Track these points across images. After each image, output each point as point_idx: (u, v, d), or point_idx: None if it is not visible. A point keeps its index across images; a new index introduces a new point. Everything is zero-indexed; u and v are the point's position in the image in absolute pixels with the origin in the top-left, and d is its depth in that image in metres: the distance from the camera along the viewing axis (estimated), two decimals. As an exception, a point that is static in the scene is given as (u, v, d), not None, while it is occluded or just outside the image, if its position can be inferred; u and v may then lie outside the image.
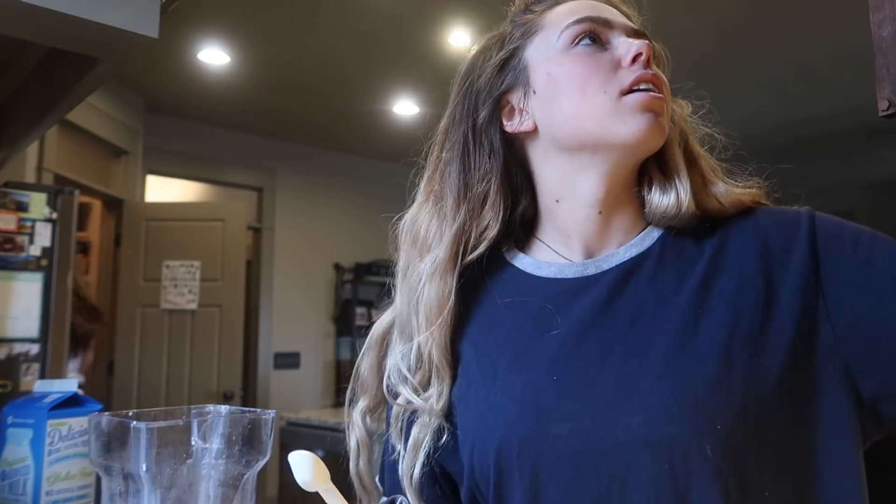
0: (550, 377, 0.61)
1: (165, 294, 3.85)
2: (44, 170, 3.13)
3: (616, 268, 0.65)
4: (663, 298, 0.61)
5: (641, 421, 0.55)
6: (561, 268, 0.68)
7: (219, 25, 3.24)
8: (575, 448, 0.57)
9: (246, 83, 3.93)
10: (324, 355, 5.15)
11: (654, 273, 0.64)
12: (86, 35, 0.86)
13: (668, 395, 0.56)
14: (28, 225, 1.59)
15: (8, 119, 1.39)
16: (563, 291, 0.66)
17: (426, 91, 4.10)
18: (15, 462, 0.87)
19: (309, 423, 3.26)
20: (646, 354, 0.58)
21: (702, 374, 0.56)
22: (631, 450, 0.55)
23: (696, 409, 0.55)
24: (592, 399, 0.58)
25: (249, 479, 0.54)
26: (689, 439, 0.54)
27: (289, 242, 5.00)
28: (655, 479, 0.54)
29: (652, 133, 0.63)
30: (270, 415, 0.55)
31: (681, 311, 0.60)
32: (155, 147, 4.31)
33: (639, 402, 0.56)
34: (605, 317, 0.62)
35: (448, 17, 3.17)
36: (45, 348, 1.61)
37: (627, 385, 0.57)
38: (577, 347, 0.62)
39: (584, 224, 0.68)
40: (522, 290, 0.69)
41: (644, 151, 0.66)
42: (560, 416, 0.59)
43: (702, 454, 0.54)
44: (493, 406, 0.63)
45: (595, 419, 0.57)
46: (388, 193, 4.94)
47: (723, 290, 0.60)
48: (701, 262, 0.63)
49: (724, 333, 0.57)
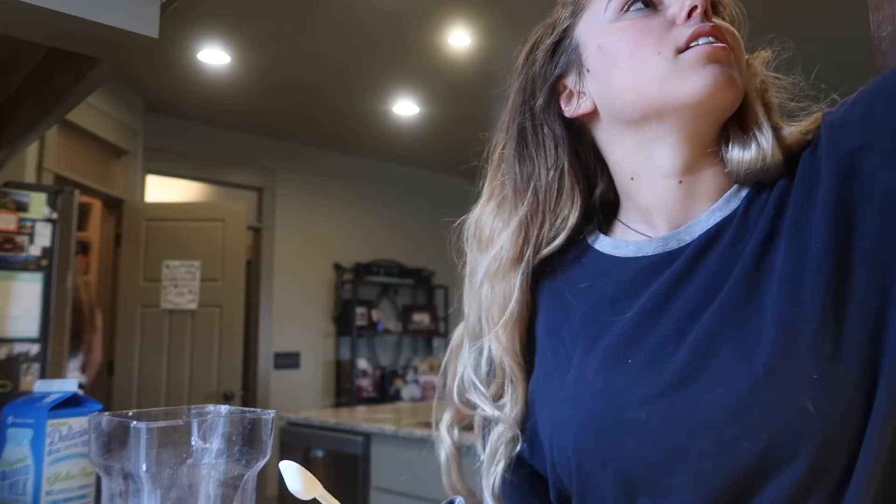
0: (625, 361, 0.57)
1: (165, 294, 3.85)
2: (44, 170, 3.13)
3: (698, 238, 0.60)
4: (744, 264, 0.56)
5: (725, 391, 0.50)
6: (640, 245, 0.64)
7: (219, 25, 3.24)
8: (655, 432, 0.53)
9: (246, 83, 3.93)
10: (324, 355, 5.15)
11: (736, 236, 0.58)
12: (86, 35, 0.86)
13: (750, 358, 0.51)
14: (28, 225, 1.59)
15: (8, 119, 1.39)
16: (643, 270, 0.62)
17: (426, 91, 4.10)
18: (15, 462, 0.87)
19: (309, 423, 3.25)
20: (725, 322, 0.53)
21: (781, 330, 0.51)
22: (719, 425, 0.50)
23: (784, 364, 0.49)
24: (669, 377, 0.54)
25: (249, 479, 0.54)
26: (784, 399, 0.49)
27: (289, 242, 5.01)
28: (753, 452, 0.49)
29: (721, 85, 0.57)
30: (270, 415, 0.55)
31: (751, 272, 0.55)
32: (155, 147, 4.31)
33: (719, 370, 0.51)
34: (681, 290, 0.57)
35: (448, 17, 3.17)
36: (45, 348, 1.61)
37: (706, 357, 0.52)
38: (652, 326, 0.57)
39: (664, 198, 0.63)
40: (601, 273, 0.65)
41: (716, 108, 0.59)
42: (636, 400, 0.55)
43: (805, 413, 0.48)
44: (567, 398, 0.60)
45: (673, 398, 0.53)
46: (389, 193, 4.98)
47: (787, 242, 0.54)
48: (769, 216, 0.57)
49: (788, 290, 0.52)
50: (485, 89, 4.06)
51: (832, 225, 0.53)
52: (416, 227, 5.78)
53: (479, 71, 3.78)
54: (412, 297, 5.78)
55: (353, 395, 5.10)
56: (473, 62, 3.66)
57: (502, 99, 0.75)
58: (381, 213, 5.56)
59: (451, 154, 5.50)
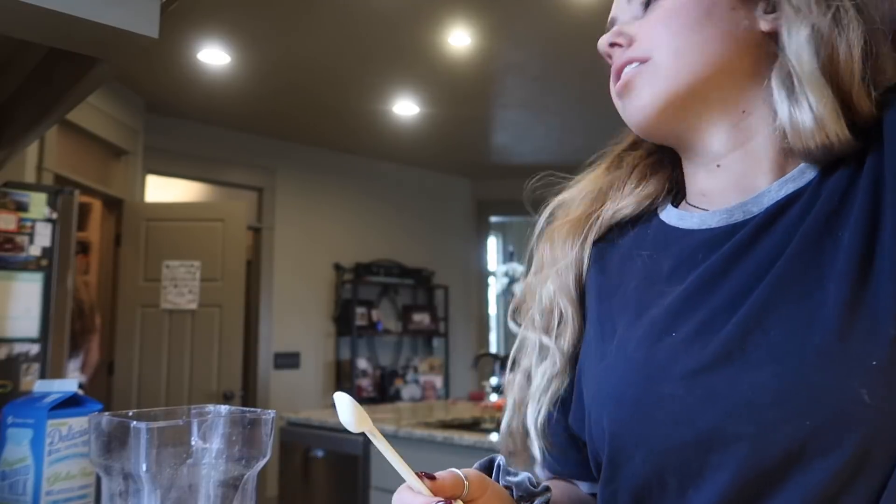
0: (669, 334, 0.55)
1: (165, 294, 3.85)
2: (44, 170, 3.13)
3: (766, 210, 0.56)
4: (808, 238, 0.52)
5: (771, 372, 0.47)
6: (704, 217, 0.60)
7: (219, 25, 3.24)
8: (692, 409, 0.50)
9: (246, 83, 3.93)
10: (324, 355, 5.15)
11: (806, 208, 0.54)
12: (86, 35, 0.86)
13: (802, 337, 0.47)
14: (28, 225, 1.59)
15: (8, 119, 1.39)
16: (704, 242, 0.59)
17: (426, 91, 4.10)
18: (15, 462, 0.87)
19: (309, 423, 3.25)
20: (780, 298, 0.50)
21: (841, 305, 0.47)
22: (761, 407, 0.47)
23: (840, 347, 0.46)
24: (712, 352, 0.51)
25: (249, 479, 0.54)
26: (836, 385, 0.45)
27: (289, 242, 5.01)
28: (796, 439, 0.46)
29: (637, 112, 0.60)
30: (270, 415, 0.55)
31: (814, 246, 0.51)
32: (155, 147, 4.31)
33: (767, 351, 0.48)
34: (740, 263, 0.54)
35: (448, 17, 3.17)
36: (45, 348, 1.61)
37: (755, 333, 0.49)
38: (704, 299, 0.54)
39: (708, 181, 0.62)
40: (663, 244, 0.63)
41: (648, 129, 0.61)
42: (676, 375, 0.52)
43: (857, 402, 0.45)
44: (608, 368, 0.59)
45: (716, 374, 0.50)
46: (389, 193, 4.99)
47: (858, 219, 0.50)
48: (840, 188, 0.53)
49: (856, 268, 0.49)
50: (485, 89, 4.07)
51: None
52: (416, 227, 5.78)
53: (479, 71, 3.78)
54: (412, 297, 5.78)
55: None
56: (473, 62, 3.66)
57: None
58: (381, 212, 5.56)
59: (451, 154, 5.51)
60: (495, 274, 7.22)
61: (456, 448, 2.57)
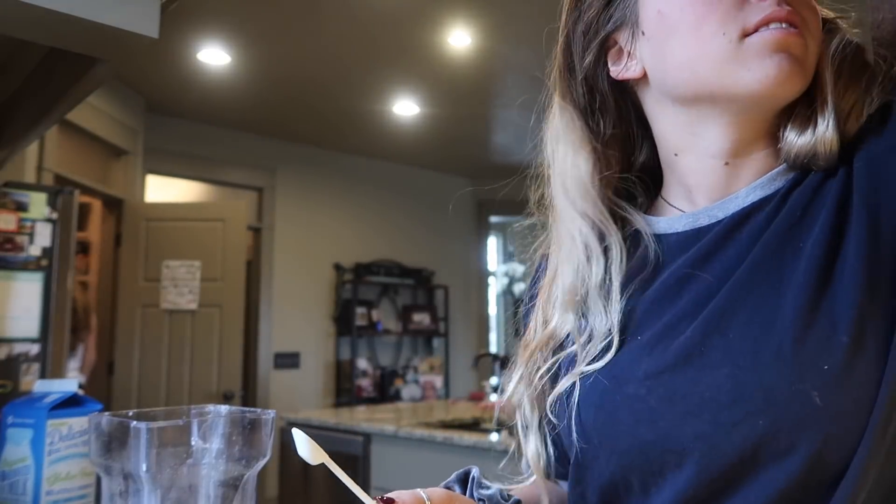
0: (635, 337, 0.56)
1: (165, 294, 3.85)
2: (44, 170, 3.13)
3: (732, 215, 0.57)
4: (770, 246, 0.53)
5: (728, 374, 0.49)
6: (670, 222, 0.61)
7: (219, 25, 3.24)
8: (653, 409, 0.52)
9: (246, 83, 3.93)
10: (324, 355, 5.15)
11: (770, 217, 0.55)
12: (86, 35, 0.86)
13: (758, 340, 0.49)
14: (28, 225, 1.59)
15: (8, 119, 1.39)
16: (671, 246, 0.60)
17: (426, 91, 4.10)
18: (15, 462, 0.87)
19: (309, 423, 3.26)
20: (740, 300, 0.51)
21: (797, 308, 0.49)
22: (718, 406, 0.49)
23: (794, 350, 0.47)
24: (674, 354, 0.52)
25: (249, 479, 0.54)
26: (789, 387, 0.47)
27: (289, 242, 5.01)
28: (749, 437, 0.47)
29: (785, 78, 0.52)
30: (270, 415, 0.55)
31: (776, 252, 0.53)
32: (155, 147, 4.31)
33: (724, 353, 0.50)
34: (704, 267, 0.55)
35: (448, 17, 3.17)
36: (45, 348, 1.61)
37: (715, 335, 0.51)
38: (669, 303, 0.56)
39: (707, 176, 0.60)
40: (632, 248, 0.63)
41: (775, 100, 0.55)
42: (639, 376, 0.54)
43: (809, 404, 0.46)
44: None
45: (676, 375, 0.51)
46: (389, 193, 4.98)
47: (823, 228, 0.51)
48: (806, 198, 0.54)
49: (815, 276, 0.50)
50: (485, 89, 4.07)
51: (877, 223, 0.50)
52: (416, 227, 5.78)
53: (479, 71, 3.78)
54: (412, 297, 5.78)
55: (353, 395, 5.10)
56: (473, 62, 3.66)
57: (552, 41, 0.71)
58: (382, 213, 5.56)
59: (451, 154, 5.51)
60: (495, 274, 7.22)
61: (456, 448, 2.57)
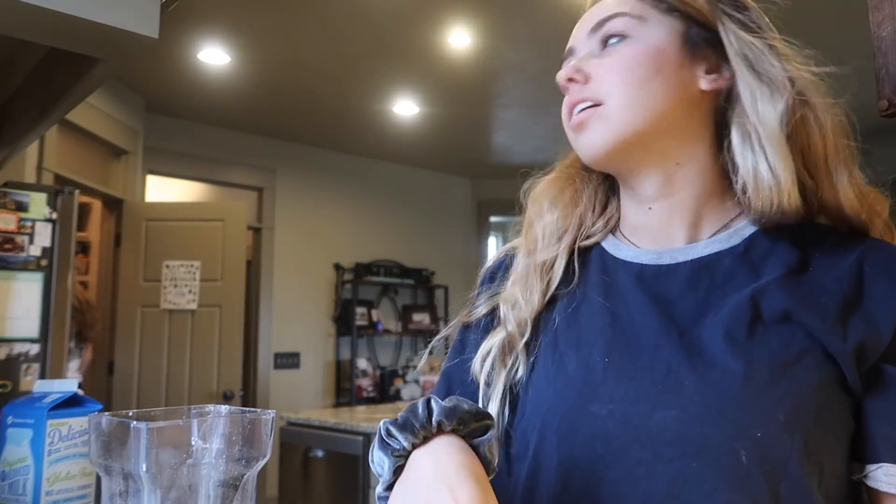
0: (603, 359, 0.62)
1: (165, 294, 3.85)
2: (44, 170, 3.13)
3: (692, 262, 0.64)
4: (731, 301, 0.60)
5: (676, 416, 0.56)
6: (637, 253, 0.68)
7: (219, 25, 3.24)
8: (609, 429, 0.59)
9: (246, 83, 3.93)
10: (324, 355, 5.15)
11: (730, 273, 0.62)
12: (86, 35, 0.86)
13: (708, 395, 0.56)
14: (28, 225, 1.59)
15: (8, 119, 1.39)
16: (636, 275, 0.66)
17: (426, 91, 4.10)
18: (15, 462, 0.87)
19: (309, 423, 3.25)
20: (697, 354, 0.58)
21: (748, 380, 0.55)
22: (661, 442, 0.56)
23: (735, 414, 0.54)
24: (637, 387, 0.59)
25: (249, 479, 0.54)
26: (723, 441, 0.54)
27: (289, 242, 5.00)
28: (681, 474, 0.55)
29: (587, 147, 0.66)
30: (270, 415, 0.55)
31: (740, 317, 0.59)
32: (155, 147, 4.31)
33: (677, 398, 0.57)
34: (668, 311, 0.62)
35: (448, 17, 3.17)
36: (45, 348, 1.61)
37: (671, 380, 0.58)
38: (635, 335, 0.62)
39: (640, 218, 0.69)
40: (605, 270, 0.70)
41: (596, 164, 0.67)
42: (603, 397, 0.60)
43: (735, 458, 0.53)
44: (548, 377, 0.66)
45: (634, 407, 0.58)
46: (389, 193, 4.97)
47: (786, 308, 0.58)
48: (778, 270, 0.60)
49: (776, 348, 0.57)
50: (485, 89, 4.07)
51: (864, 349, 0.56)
52: (416, 227, 5.77)
53: (479, 71, 3.78)
54: (412, 297, 5.78)
55: (353, 395, 5.10)
56: (473, 62, 3.66)
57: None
58: (381, 213, 5.56)
59: (451, 154, 5.50)
60: (495, 274, 7.20)
61: (456, 448, 2.56)
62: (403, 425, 0.52)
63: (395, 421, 0.53)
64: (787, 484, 0.53)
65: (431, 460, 0.50)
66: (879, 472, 0.55)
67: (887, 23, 0.69)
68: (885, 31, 0.69)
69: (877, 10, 0.69)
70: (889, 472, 0.54)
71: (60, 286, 1.63)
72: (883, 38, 0.70)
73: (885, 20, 0.69)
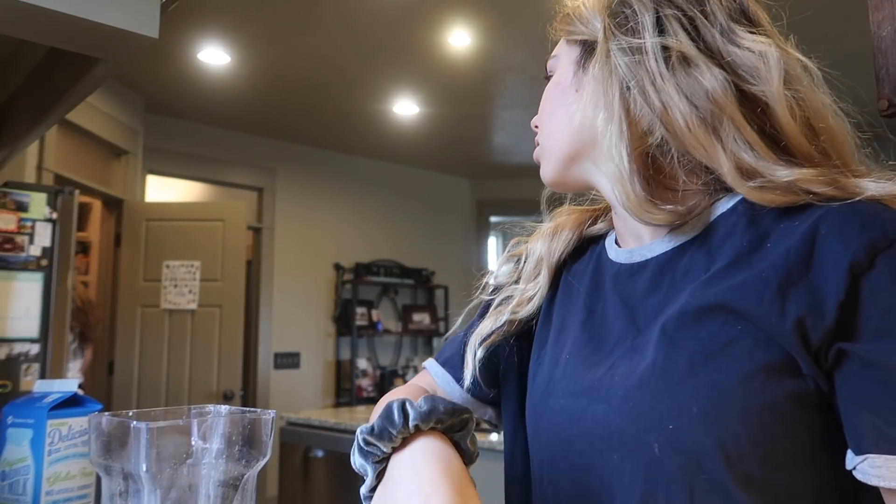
0: (566, 356, 0.67)
1: (165, 294, 3.85)
2: (44, 170, 3.13)
3: (656, 259, 0.64)
4: (682, 296, 0.59)
5: (603, 410, 0.59)
6: (618, 252, 0.70)
7: (219, 25, 3.24)
8: (559, 423, 0.63)
9: (246, 83, 3.93)
10: (324, 355, 5.15)
11: (688, 266, 0.61)
12: (86, 35, 0.86)
13: (628, 389, 0.57)
14: (28, 225, 1.59)
15: (8, 119, 1.39)
16: (615, 275, 0.68)
17: (426, 91, 4.10)
18: (15, 462, 0.87)
19: (309, 423, 3.25)
20: (639, 352, 0.59)
21: (665, 373, 0.55)
22: (594, 436, 0.59)
23: (648, 406, 0.55)
24: (583, 385, 0.62)
25: (249, 479, 0.54)
26: (637, 434, 0.56)
27: (289, 242, 5.00)
28: (606, 466, 0.58)
29: (544, 179, 0.73)
30: (270, 415, 0.55)
31: (679, 311, 0.57)
32: (155, 147, 4.31)
33: (607, 392, 0.59)
34: (633, 312, 0.63)
35: (448, 17, 3.17)
36: (45, 348, 1.61)
37: (609, 376, 0.60)
38: (602, 334, 0.65)
39: (617, 221, 0.72)
40: (597, 268, 0.73)
41: (557, 189, 0.75)
42: (560, 392, 0.65)
43: (649, 450, 0.55)
44: (532, 369, 0.72)
45: (578, 402, 0.62)
46: (388, 193, 4.98)
47: (722, 296, 0.55)
48: (730, 256, 0.58)
49: (703, 339, 0.55)
50: (485, 89, 4.07)
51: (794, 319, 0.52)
52: (416, 227, 5.77)
53: (479, 71, 3.78)
54: (412, 297, 5.78)
55: (353, 395, 5.10)
56: (473, 62, 3.66)
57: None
58: (381, 213, 5.55)
59: (451, 154, 5.50)
60: (495, 274, 7.20)
61: (456, 448, 2.56)
62: (380, 435, 0.53)
63: (372, 430, 0.54)
64: (703, 478, 0.52)
65: (409, 467, 0.51)
66: (865, 465, 0.50)
67: (887, 23, 0.69)
68: (885, 31, 0.69)
69: (877, 10, 0.69)
70: (875, 463, 0.49)
71: (60, 286, 1.63)
72: (883, 38, 0.70)
73: (885, 20, 0.69)
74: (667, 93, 0.60)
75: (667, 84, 0.60)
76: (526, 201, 0.93)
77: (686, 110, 0.59)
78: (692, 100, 0.59)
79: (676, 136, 0.60)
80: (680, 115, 0.59)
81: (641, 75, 0.61)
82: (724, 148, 0.58)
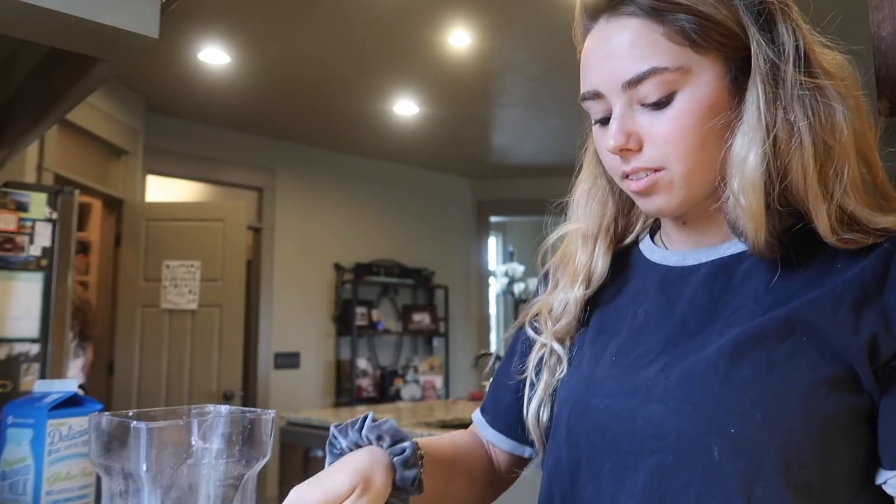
0: (611, 357, 0.66)
1: (165, 294, 3.85)
2: (44, 170, 3.13)
3: (712, 262, 0.64)
4: (741, 304, 0.60)
5: (658, 411, 0.58)
6: (664, 255, 0.70)
7: (219, 25, 3.24)
8: (605, 422, 0.62)
9: (246, 83, 3.93)
10: (324, 355, 5.15)
11: (748, 273, 0.61)
12: (86, 35, 0.86)
13: (689, 390, 0.57)
14: (28, 225, 1.59)
15: (8, 119, 1.39)
16: (662, 277, 0.68)
17: (426, 91, 4.10)
18: (15, 462, 0.87)
19: (309, 423, 3.25)
20: (695, 353, 0.59)
21: (728, 378, 0.55)
22: (645, 435, 0.58)
23: (710, 409, 0.55)
24: (633, 385, 0.62)
25: (249, 479, 0.54)
26: (697, 437, 0.55)
27: (289, 242, 5.00)
28: (659, 467, 0.57)
29: (654, 211, 0.65)
30: (270, 415, 0.55)
31: (743, 317, 0.58)
32: (155, 147, 4.31)
33: (662, 393, 0.58)
34: (683, 314, 0.63)
35: (448, 17, 3.17)
36: (45, 348, 1.61)
37: (663, 377, 0.59)
38: (647, 336, 0.64)
39: (674, 231, 0.70)
40: (637, 270, 0.72)
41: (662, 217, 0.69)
42: (604, 393, 0.64)
43: (708, 454, 0.54)
44: (573, 370, 0.71)
45: (627, 402, 0.61)
46: (389, 193, 4.99)
47: (793, 306, 0.57)
48: (798, 267, 0.59)
49: (769, 347, 0.56)
50: (485, 89, 4.07)
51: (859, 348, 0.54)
52: (416, 227, 5.77)
53: (479, 71, 3.77)
54: (412, 297, 5.78)
55: (353, 394, 5.10)
56: (473, 62, 3.66)
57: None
58: (381, 213, 5.55)
59: (451, 154, 5.50)
60: (495, 274, 7.21)
61: (456, 448, 2.56)
62: (342, 432, 0.64)
63: (332, 448, 0.64)
64: (762, 484, 0.53)
65: (338, 463, 0.59)
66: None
67: (887, 23, 0.69)
68: (885, 31, 0.69)
69: (877, 10, 0.69)
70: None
71: (60, 286, 1.63)
72: (883, 38, 0.70)
73: (885, 20, 0.69)
74: (808, 132, 0.57)
75: (814, 121, 0.57)
76: (526, 201, 0.87)
77: (810, 154, 0.56)
78: (817, 140, 0.56)
79: (793, 182, 0.57)
80: (810, 157, 0.57)
81: (807, 114, 0.57)
82: (828, 200, 0.57)
